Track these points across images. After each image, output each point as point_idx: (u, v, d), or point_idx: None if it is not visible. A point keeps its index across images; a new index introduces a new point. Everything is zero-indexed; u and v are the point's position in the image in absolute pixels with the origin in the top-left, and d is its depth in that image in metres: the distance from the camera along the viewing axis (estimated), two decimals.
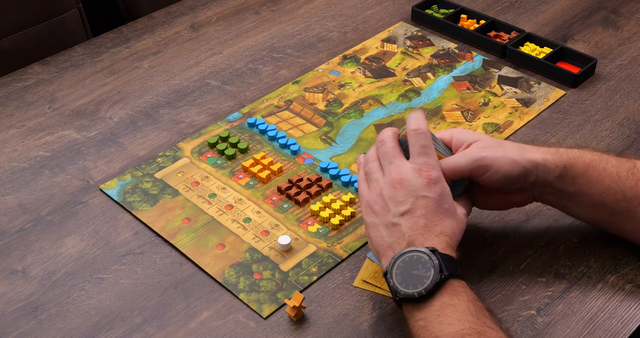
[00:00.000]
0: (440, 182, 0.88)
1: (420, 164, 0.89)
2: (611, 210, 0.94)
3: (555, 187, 0.94)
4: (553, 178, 0.93)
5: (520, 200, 0.97)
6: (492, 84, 1.30)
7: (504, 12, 1.48)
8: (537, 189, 0.95)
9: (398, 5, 1.50)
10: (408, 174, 0.88)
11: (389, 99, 1.27)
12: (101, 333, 0.91)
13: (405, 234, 0.86)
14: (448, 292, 0.82)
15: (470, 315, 0.80)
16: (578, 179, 0.93)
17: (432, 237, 0.86)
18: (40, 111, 1.25)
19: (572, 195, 0.94)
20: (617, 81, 1.30)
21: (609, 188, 0.93)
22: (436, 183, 0.88)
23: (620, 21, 1.45)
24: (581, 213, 0.98)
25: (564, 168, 0.93)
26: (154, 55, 1.38)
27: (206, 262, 1.00)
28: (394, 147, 0.91)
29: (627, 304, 0.94)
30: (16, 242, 1.03)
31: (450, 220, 0.88)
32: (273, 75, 1.33)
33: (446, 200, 0.88)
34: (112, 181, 1.11)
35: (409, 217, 0.87)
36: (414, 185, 0.87)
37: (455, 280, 0.83)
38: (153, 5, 1.59)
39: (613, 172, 0.93)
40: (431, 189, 0.87)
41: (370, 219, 0.90)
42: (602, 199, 0.93)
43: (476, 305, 0.82)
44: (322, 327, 0.92)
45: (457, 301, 0.81)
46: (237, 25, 1.46)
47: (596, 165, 0.94)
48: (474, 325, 0.79)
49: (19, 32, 1.48)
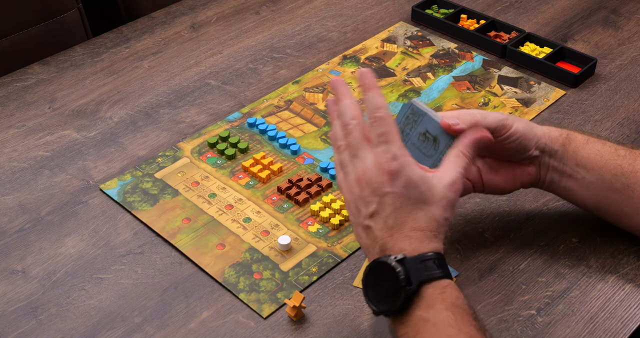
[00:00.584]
0: (402, 170, 0.82)
1: (380, 154, 0.83)
2: (610, 186, 0.95)
3: (559, 158, 0.96)
4: (558, 147, 0.96)
5: (528, 175, 0.98)
6: (492, 84, 1.30)
7: (504, 12, 1.48)
8: (544, 162, 0.97)
9: (398, 5, 1.50)
10: (371, 170, 0.83)
11: (389, 98, 1.27)
12: (101, 333, 0.92)
13: (377, 237, 0.83)
14: (423, 304, 0.78)
15: (450, 327, 0.77)
16: (579, 151, 0.96)
17: (402, 238, 0.82)
18: (40, 111, 1.25)
19: (573, 170, 0.96)
20: (617, 81, 1.30)
21: (607, 162, 0.96)
22: (398, 174, 0.82)
23: (620, 21, 1.45)
24: (582, 195, 0.98)
25: (567, 138, 0.97)
26: (154, 55, 1.38)
27: (206, 262, 1.00)
28: (358, 135, 0.85)
29: (627, 304, 0.94)
30: (16, 242, 1.03)
31: (424, 209, 0.83)
32: (273, 75, 1.33)
33: (414, 188, 0.83)
34: (112, 181, 1.11)
35: (377, 218, 0.83)
36: (376, 181, 0.83)
37: (430, 285, 0.79)
38: (153, 5, 1.59)
39: (612, 149, 0.97)
40: (394, 183, 0.82)
41: (351, 218, 0.87)
42: (602, 174, 0.95)
43: (456, 313, 0.78)
44: (322, 327, 0.92)
45: (433, 313, 0.77)
46: (237, 25, 1.46)
47: (595, 141, 0.98)
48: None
49: (19, 32, 1.48)
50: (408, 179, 0.83)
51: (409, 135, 0.92)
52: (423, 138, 0.91)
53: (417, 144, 0.91)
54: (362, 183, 0.84)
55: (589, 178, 0.96)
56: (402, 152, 0.83)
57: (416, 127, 0.92)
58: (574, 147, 0.97)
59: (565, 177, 0.97)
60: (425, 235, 0.82)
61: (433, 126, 0.90)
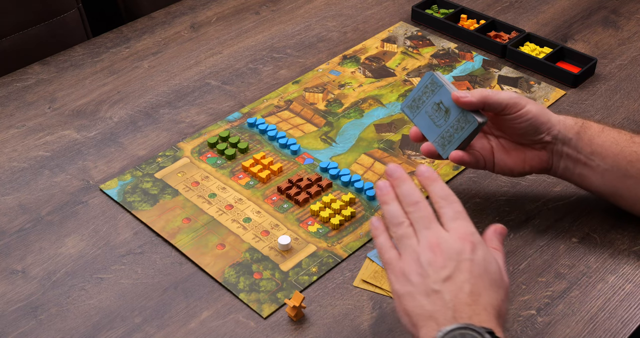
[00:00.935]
0: (481, 244, 0.80)
1: (459, 227, 0.80)
2: (625, 173, 0.96)
3: (573, 145, 0.98)
4: (572, 135, 0.98)
5: (539, 160, 0.99)
6: (492, 83, 1.30)
7: (504, 12, 1.48)
8: (557, 149, 0.98)
9: (398, 5, 1.50)
10: (449, 239, 0.79)
11: (389, 98, 1.27)
12: (101, 333, 0.92)
13: (448, 302, 0.76)
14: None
15: None
16: (594, 139, 0.98)
17: (480, 310, 0.76)
18: (40, 111, 1.25)
19: (588, 158, 0.97)
20: (617, 81, 1.30)
21: (623, 149, 0.97)
22: (479, 246, 0.79)
23: (620, 21, 1.45)
24: (596, 181, 0.99)
25: (582, 126, 0.98)
26: (154, 55, 1.38)
27: (206, 262, 1.00)
28: (430, 212, 0.82)
29: (627, 304, 0.94)
30: (16, 242, 1.03)
31: (497, 289, 0.78)
32: (273, 75, 1.33)
33: (489, 264, 0.79)
34: (112, 181, 1.11)
35: (451, 283, 0.77)
36: (455, 248, 0.79)
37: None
38: (153, 5, 1.59)
39: (627, 136, 0.98)
40: (475, 253, 0.78)
41: (406, 288, 0.79)
42: (617, 161, 0.96)
43: None
44: (322, 327, 0.92)
45: None
46: (237, 25, 1.46)
47: (611, 130, 0.99)
48: None
49: (19, 32, 1.48)
50: (487, 253, 0.80)
51: (425, 103, 1.00)
52: (436, 108, 0.99)
53: (430, 112, 1.00)
54: (436, 249, 0.79)
55: (604, 166, 0.97)
56: (478, 234, 0.81)
57: (432, 96, 0.99)
58: (590, 135, 0.98)
59: (580, 165, 0.99)
60: (499, 318, 0.77)
61: (447, 98, 0.98)
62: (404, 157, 1.15)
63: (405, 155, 1.16)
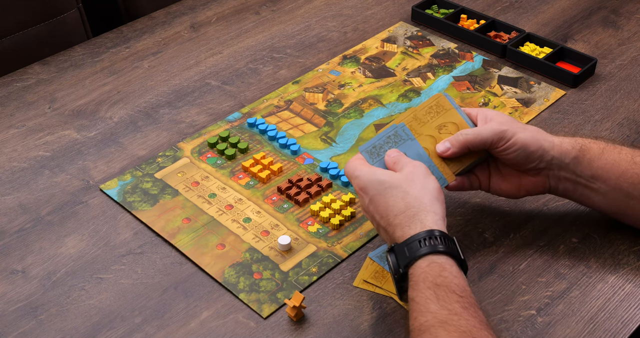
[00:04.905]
0: (355, 178, 0.93)
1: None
2: (627, 194, 0.95)
3: (571, 170, 0.95)
4: (570, 160, 0.95)
5: (534, 185, 0.98)
6: (492, 84, 1.30)
7: (504, 12, 1.48)
8: (553, 173, 0.96)
9: (398, 5, 1.50)
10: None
11: (389, 99, 1.27)
12: (101, 333, 0.92)
13: (385, 234, 0.91)
14: (411, 286, 0.83)
15: (432, 304, 0.80)
16: (594, 162, 0.95)
17: (394, 228, 0.88)
18: (40, 111, 1.25)
19: (588, 181, 0.95)
20: (617, 81, 1.30)
21: (625, 171, 0.94)
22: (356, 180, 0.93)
23: (620, 21, 1.45)
24: (598, 201, 0.98)
25: (580, 150, 0.95)
26: (154, 55, 1.38)
27: (206, 262, 1.00)
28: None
29: (627, 304, 0.94)
30: (16, 242, 1.03)
31: (385, 193, 0.90)
32: (273, 75, 1.33)
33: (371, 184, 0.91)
34: (112, 181, 1.11)
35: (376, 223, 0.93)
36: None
37: (414, 266, 0.84)
38: (153, 5, 1.59)
39: (628, 156, 0.95)
40: (360, 195, 0.93)
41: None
42: (619, 183, 0.94)
43: (438, 291, 0.81)
44: (322, 327, 0.92)
45: (417, 293, 0.82)
46: (237, 25, 1.46)
47: (611, 150, 0.96)
48: (437, 315, 0.79)
49: (19, 32, 1.48)
50: (363, 182, 0.92)
51: (386, 151, 0.96)
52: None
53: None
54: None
55: (605, 188, 0.95)
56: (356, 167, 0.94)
57: (396, 146, 0.96)
58: (589, 158, 0.95)
59: (581, 187, 0.97)
60: (407, 216, 0.87)
61: (414, 152, 0.95)
62: None
63: None
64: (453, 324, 0.77)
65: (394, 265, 0.85)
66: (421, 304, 0.81)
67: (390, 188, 0.89)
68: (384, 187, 0.89)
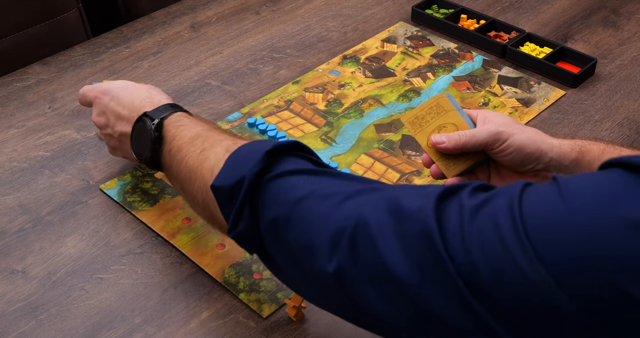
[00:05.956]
0: (93, 90, 1.06)
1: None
2: None
3: (571, 172, 0.94)
4: (569, 162, 0.94)
5: None
6: (492, 84, 1.30)
7: (504, 12, 1.48)
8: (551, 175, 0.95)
9: (398, 5, 1.50)
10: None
11: (389, 99, 1.27)
12: (101, 333, 0.92)
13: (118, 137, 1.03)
14: (167, 140, 0.93)
15: (200, 125, 0.92)
16: (594, 164, 0.94)
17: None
18: (40, 111, 1.25)
19: None
20: (617, 81, 1.30)
21: None
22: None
23: (620, 21, 1.45)
24: None
25: (580, 151, 0.94)
26: (154, 55, 1.38)
27: (206, 262, 1.00)
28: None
29: None
30: (16, 242, 1.03)
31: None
32: (273, 75, 1.33)
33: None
34: (112, 181, 1.11)
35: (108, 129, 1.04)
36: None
37: (168, 120, 0.94)
38: (153, 5, 1.59)
39: None
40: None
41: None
42: None
43: (200, 125, 0.92)
44: (322, 327, 0.92)
45: (177, 139, 0.91)
46: (237, 25, 1.46)
47: (611, 151, 0.95)
48: (207, 126, 0.91)
49: (19, 32, 1.48)
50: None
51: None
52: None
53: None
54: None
55: None
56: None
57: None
58: (589, 160, 0.94)
59: None
60: (151, 97, 1.00)
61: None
62: (404, 157, 1.15)
63: (405, 155, 1.16)
64: (219, 132, 0.90)
65: (151, 125, 0.94)
66: (192, 125, 0.92)
67: (134, 86, 1.03)
68: (126, 85, 1.03)
